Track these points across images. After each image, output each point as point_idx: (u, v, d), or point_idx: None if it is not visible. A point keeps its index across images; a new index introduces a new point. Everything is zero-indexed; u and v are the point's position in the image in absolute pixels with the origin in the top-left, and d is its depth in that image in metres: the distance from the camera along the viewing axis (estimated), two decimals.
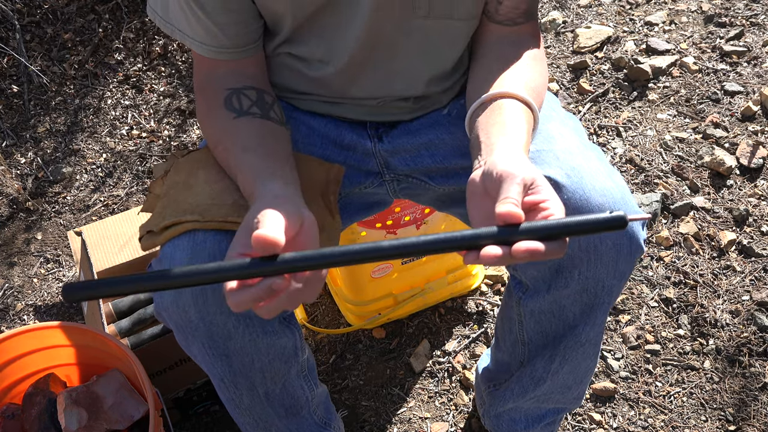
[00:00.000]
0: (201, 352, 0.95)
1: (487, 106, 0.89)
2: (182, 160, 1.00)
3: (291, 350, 1.03)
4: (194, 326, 0.91)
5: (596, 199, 0.91)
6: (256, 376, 1.01)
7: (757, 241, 1.72)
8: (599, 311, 1.01)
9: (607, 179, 0.94)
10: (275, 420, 1.11)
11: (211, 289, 0.88)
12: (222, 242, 0.89)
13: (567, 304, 0.99)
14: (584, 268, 0.94)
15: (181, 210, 0.92)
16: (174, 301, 0.90)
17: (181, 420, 1.51)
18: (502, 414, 1.28)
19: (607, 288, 0.97)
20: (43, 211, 1.95)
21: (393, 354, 1.60)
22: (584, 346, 1.06)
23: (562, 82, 2.17)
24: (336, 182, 1.02)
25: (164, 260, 0.91)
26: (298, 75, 1.04)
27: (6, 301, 1.77)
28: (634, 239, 0.93)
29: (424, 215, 1.43)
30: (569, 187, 0.92)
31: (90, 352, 1.33)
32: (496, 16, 0.99)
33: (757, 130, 1.94)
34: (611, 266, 0.94)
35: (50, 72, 2.25)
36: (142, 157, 2.06)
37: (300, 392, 1.12)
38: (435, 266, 1.57)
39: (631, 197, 0.95)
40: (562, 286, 0.97)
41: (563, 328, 1.04)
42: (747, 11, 2.29)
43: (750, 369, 1.52)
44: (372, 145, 1.09)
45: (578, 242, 0.92)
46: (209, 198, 0.92)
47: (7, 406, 1.33)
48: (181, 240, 0.90)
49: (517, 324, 1.09)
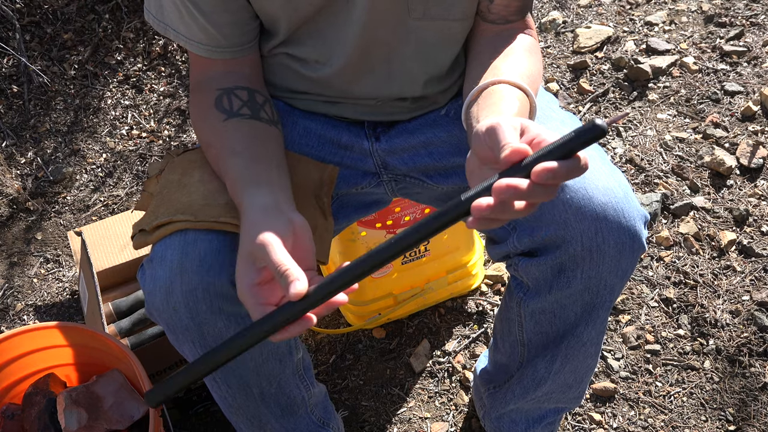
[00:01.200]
0: (192, 352, 0.95)
1: (480, 95, 0.88)
2: (177, 159, 1.00)
3: (285, 349, 1.03)
4: (185, 326, 0.91)
5: (599, 198, 0.92)
6: (249, 376, 1.01)
7: (757, 241, 1.72)
8: (601, 310, 1.01)
9: (610, 178, 0.94)
10: (271, 420, 1.11)
11: (201, 288, 0.88)
12: (213, 242, 0.89)
13: (568, 304, 0.99)
14: (587, 267, 0.94)
15: (174, 209, 0.92)
16: (164, 300, 0.90)
17: (181, 420, 1.51)
18: (503, 416, 1.28)
19: (609, 287, 0.97)
20: (43, 211, 1.95)
21: (393, 354, 1.60)
22: (585, 346, 1.06)
23: (562, 82, 2.17)
24: (330, 183, 1.02)
25: (155, 260, 0.91)
26: (296, 75, 1.04)
27: (6, 301, 1.77)
28: (636, 237, 0.94)
29: (424, 215, 1.44)
30: (572, 186, 0.92)
31: (90, 352, 1.33)
32: (488, 15, 0.99)
33: (757, 130, 1.94)
34: (614, 265, 0.94)
35: (50, 72, 2.25)
36: (142, 157, 2.06)
37: (296, 392, 1.11)
38: (435, 266, 1.57)
39: (633, 195, 0.96)
40: (565, 286, 0.97)
41: (564, 328, 1.04)
42: (747, 11, 2.29)
43: (750, 369, 1.52)
44: (369, 145, 1.09)
45: (581, 242, 0.92)
46: (202, 198, 0.92)
47: (7, 406, 1.33)
48: (172, 239, 0.90)
49: (517, 325, 1.09)
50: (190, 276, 0.88)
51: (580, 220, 0.91)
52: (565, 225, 0.92)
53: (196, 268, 0.88)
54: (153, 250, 0.92)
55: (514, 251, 0.99)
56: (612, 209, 0.92)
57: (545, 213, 0.93)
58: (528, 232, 0.96)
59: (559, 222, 0.92)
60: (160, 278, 0.89)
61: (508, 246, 0.99)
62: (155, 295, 0.91)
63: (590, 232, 0.92)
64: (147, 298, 0.92)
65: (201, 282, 0.88)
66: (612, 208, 0.92)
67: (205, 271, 0.88)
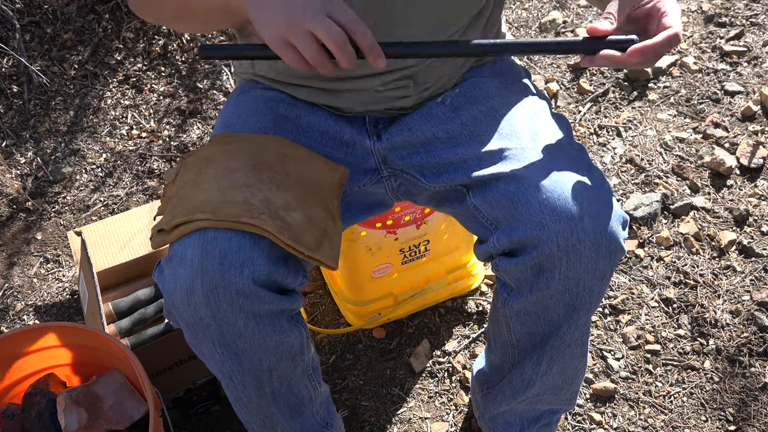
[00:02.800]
0: (211, 351, 0.95)
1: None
2: (191, 159, 1.00)
3: (298, 348, 1.03)
4: (205, 324, 0.92)
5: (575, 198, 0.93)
6: (263, 375, 1.01)
7: (757, 241, 1.72)
8: (581, 312, 1.00)
9: (588, 179, 0.96)
10: (281, 419, 1.11)
11: (222, 286, 0.89)
12: (233, 240, 0.89)
13: (550, 305, 1.00)
14: (564, 268, 0.94)
15: (192, 208, 0.92)
16: (185, 299, 0.90)
17: (181, 420, 1.51)
18: (497, 417, 1.28)
19: (588, 288, 0.97)
20: (43, 211, 1.95)
21: (393, 354, 1.60)
22: (570, 347, 1.06)
23: (562, 82, 2.17)
24: (340, 186, 1.02)
25: (174, 259, 0.91)
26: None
27: (6, 301, 1.77)
28: (613, 239, 0.94)
29: (424, 215, 1.44)
30: (548, 186, 0.94)
31: (90, 352, 1.33)
32: None
33: (757, 130, 1.94)
34: (591, 266, 0.94)
35: (50, 72, 2.25)
36: (142, 157, 2.06)
37: (305, 391, 1.12)
38: (435, 266, 1.57)
39: (611, 196, 0.97)
40: (544, 287, 0.97)
41: (548, 329, 1.04)
42: (747, 11, 2.29)
43: (750, 369, 1.52)
44: (371, 143, 1.09)
45: (557, 242, 0.92)
46: (219, 194, 0.92)
47: (7, 406, 1.33)
48: (191, 239, 0.90)
49: (505, 326, 1.09)
50: (211, 275, 0.89)
51: (555, 220, 0.92)
52: (541, 225, 0.93)
53: (217, 266, 0.88)
54: (172, 249, 0.93)
55: (495, 251, 1.00)
56: (588, 210, 0.93)
57: (522, 213, 0.94)
58: (507, 232, 0.96)
59: (536, 222, 0.93)
60: (180, 277, 0.90)
61: (489, 246, 1.00)
62: (175, 294, 0.91)
63: (566, 233, 0.92)
64: (167, 297, 0.93)
65: (222, 280, 0.89)
66: (588, 209, 0.93)
67: (226, 269, 0.89)
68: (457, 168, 1.04)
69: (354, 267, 1.49)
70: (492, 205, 0.99)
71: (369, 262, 1.48)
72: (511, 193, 0.96)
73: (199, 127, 2.13)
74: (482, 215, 1.01)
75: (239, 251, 0.89)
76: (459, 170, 1.03)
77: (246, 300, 0.90)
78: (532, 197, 0.94)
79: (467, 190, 1.03)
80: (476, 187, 1.01)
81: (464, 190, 1.04)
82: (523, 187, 0.95)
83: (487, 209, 1.00)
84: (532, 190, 0.94)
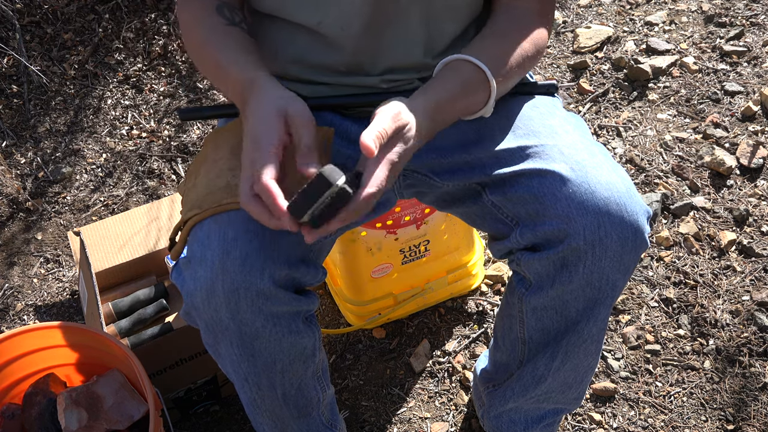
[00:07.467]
0: (228, 352, 0.96)
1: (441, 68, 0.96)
2: (190, 167, 1.04)
3: (310, 350, 1.03)
4: (225, 326, 0.92)
5: (601, 192, 0.92)
6: (276, 377, 1.02)
7: (757, 241, 1.72)
8: (602, 307, 1.01)
9: (612, 173, 0.95)
10: (290, 421, 1.12)
11: (243, 288, 0.89)
12: (253, 241, 0.91)
13: (570, 300, 1.00)
14: (589, 262, 0.94)
15: (186, 210, 0.96)
16: (205, 301, 0.91)
17: (181, 420, 1.51)
18: (502, 415, 1.28)
19: (611, 282, 0.97)
20: (43, 211, 1.95)
21: (393, 354, 1.60)
22: (586, 343, 1.06)
23: (562, 82, 2.17)
24: (328, 146, 1.02)
25: (193, 260, 0.93)
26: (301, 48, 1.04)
27: (6, 301, 1.77)
28: (638, 233, 0.94)
29: (424, 215, 1.44)
30: (574, 181, 0.93)
31: (90, 352, 1.34)
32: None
33: (757, 130, 1.94)
34: (616, 259, 0.95)
35: (50, 72, 2.25)
36: (142, 157, 2.06)
37: (313, 393, 1.12)
38: (435, 266, 1.57)
39: (636, 191, 0.97)
40: (567, 281, 0.97)
41: (565, 325, 1.04)
42: (747, 11, 2.29)
43: (750, 369, 1.52)
44: None
45: (583, 236, 0.93)
46: (205, 188, 0.95)
47: (7, 406, 1.33)
48: (210, 240, 0.92)
49: (518, 322, 1.09)
50: (232, 276, 0.89)
51: (582, 214, 0.92)
52: (568, 219, 0.93)
53: (239, 268, 0.89)
54: (190, 250, 0.94)
55: (517, 246, 1.00)
56: (614, 204, 0.93)
57: (548, 208, 0.94)
58: (531, 227, 0.96)
59: (562, 216, 0.93)
60: (201, 278, 0.90)
61: (511, 241, 1.00)
62: (196, 296, 0.91)
63: (593, 226, 0.92)
64: (186, 298, 0.93)
65: (243, 282, 0.89)
66: (614, 203, 0.93)
67: (248, 271, 0.89)
68: (473, 167, 1.03)
69: (354, 267, 1.49)
70: (513, 201, 0.99)
71: (369, 262, 1.48)
72: (535, 188, 0.96)
73: (199, 127, 2.13)
74: (502, 212, 1.01)
75: (260, 252, 0.90)
76: (475, 169, 1.03)
77: (266, 301, 0.91)
78: (558, 192, 0.94)
79: (483, 188, 1.03)
80: (494, 185, 1.01)
81: (480, 188, 1.03)
82: (548, 182, 0.95)
83: (508, 206, 1.00)
84: (558, 185, 0.94)
